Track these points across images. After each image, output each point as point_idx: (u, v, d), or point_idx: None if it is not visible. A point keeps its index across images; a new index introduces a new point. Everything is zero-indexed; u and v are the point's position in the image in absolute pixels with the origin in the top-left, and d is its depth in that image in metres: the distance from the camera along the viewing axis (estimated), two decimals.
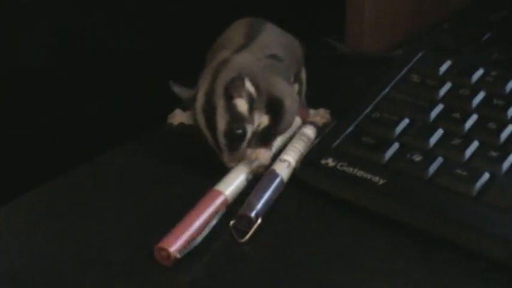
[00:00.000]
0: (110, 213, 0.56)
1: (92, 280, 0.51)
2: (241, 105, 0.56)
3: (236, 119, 0.55)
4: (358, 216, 0.54)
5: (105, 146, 0.62)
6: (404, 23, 0.74)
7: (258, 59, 0.59)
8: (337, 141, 0.58)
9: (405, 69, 0.64)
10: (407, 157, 0.56)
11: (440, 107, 0.60)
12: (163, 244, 0.51)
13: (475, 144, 0.56)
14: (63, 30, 0.67)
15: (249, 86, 0.56)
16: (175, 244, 0.51)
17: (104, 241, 0.54)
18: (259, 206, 0.54)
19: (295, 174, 0.58)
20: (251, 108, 0.56)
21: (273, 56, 0.60)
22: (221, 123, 0.55)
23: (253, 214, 0.54)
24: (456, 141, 0.56)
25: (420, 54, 0.65)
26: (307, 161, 0.58)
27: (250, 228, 0.53)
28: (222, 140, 0.56)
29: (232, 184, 0.56)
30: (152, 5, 0.70)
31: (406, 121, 0.59)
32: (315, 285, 0.50)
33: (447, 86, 0.62)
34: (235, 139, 0.56)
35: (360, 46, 0.73)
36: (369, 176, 0.55)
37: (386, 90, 0.62)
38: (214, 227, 0.54)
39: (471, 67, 0.63)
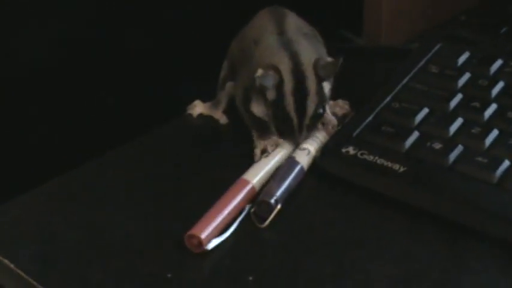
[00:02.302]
0: (130, 202, 0.57)
1: (116, 266, 0.51)
2: (326, 86, 0.58)
3: (322, 101, 0.57)
4: (379, 204, 0.55)
5: (125, 137, 0.63)
6: (421, 16, 0.75)
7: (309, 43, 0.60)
8: (358, 130, 0.59)
9: (424, 60, 0.64)
10: (428, 145, 0.56)
11: (459, 97, 0.60)
12: (194, 231, 0.51)
13: (494, 132, 0.56)
14: (67, 28, 0.67)
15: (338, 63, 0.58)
16: (206, 231, 0.52)
17: (127, 229, 0.54)
18: (278, 192, 0.55)
19: (315, 163, 0.58)
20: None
21: (307, 35, 0.61)
22: (311, 107, 0.57)
23: (272, 200, 0.54)
24: (476, 130, 0.57)
25: (438, 45, 0.66)
26: (328, 150, 0.58)
27: (270, 214, 0.54)
28: (307, 122, 0.57)
29: (259, 173, 0.56)
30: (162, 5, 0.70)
31: (425, 110, 0.59)
32: (336, 269, 0.51)
33: (466, 76, 0.62)
34: (316, 119, 0.58)
35: (378, 39, 0.73)
36: (389, 164, 0.56)
37: (405, 80, 0.63)
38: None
39: (490, 58, 0.63)
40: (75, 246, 0.53)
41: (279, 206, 0.54)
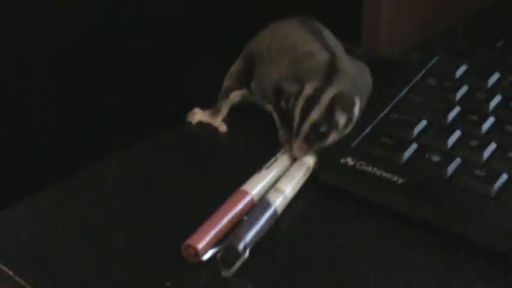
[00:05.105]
0: (130, 209, 0.57)
1: (115, 274, 0.51)
2: (341, 119, 0.58)
3: (329, 122, 0.57)
4: (377, 215, 0.55)
5: (124, 143, 0.63)
6: (420, 28, 0.75)
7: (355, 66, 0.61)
8: (356, 141, 0.59)
9: (422, 72, 0.65)
10: (426, 157, 0.57)
11: (457, 109, 0.61)
12: (191, 241, 0.52)
13: (492, 145, 0.57)
14: (73, 30, 0.67)
15: (356, 107, 0.59)
16: (203, 242, 0.52)
17: (126, 236, 0.54)
18: (248, 237, 0.52)
19: (314, 174, 0.58)
20: (347, 124, 0.59)
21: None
22: (315, 113, 0.57)
23: (241, 245, 0.51)
24: (474, 143, 0.57)
25: (436, 57, 0.66)
26: (327, 160, 0.58)
27: (237, 260, 0.51)
28: (306, 127, 0.57)
29: (258, 184, 0.56)
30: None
31: (424, 122, 0.60)
32: (334, 280, 0.51)
33: (464, 89, 0.63)
34: (316, 134, 0.57)
35: (376, 50, 0.74)
36: (387, 175, 0.56)
37: (404, 92, 0.63)
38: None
39: (487, 71, 0.64)
40: (74, 253, 0.53)
41: (247, 254, 0.51)
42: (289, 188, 0.56)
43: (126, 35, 0.68)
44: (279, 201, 0.55)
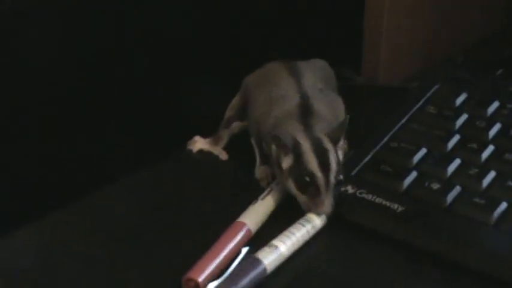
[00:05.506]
0: (129, 238, 0.57)
1: None
2: (340, 154, 0.57)
3: (340, 164, 0.56)
4: (377, 243, 0.55)
5: (124, 170, 0.63)
6: (420, 57, 0.76)
7: (326, 103, 0.61)
8: (356, 169, 0.59)
9: (422, 101, 0.65)
10: (426, 185, 0.57)
11: (457, 138, 0.61)
12: (192, 275, 0.52)
13: (492, 174, 0.57)
14: (76, 56, 0.67)
15: (342, 141, 0.58)
16: (203, 275, 0.52)
17: (126, 266, 0.54)
18: None
19: None
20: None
21: (321, 91, 0.62)
22: (334, 162, 0.55)
23: None
24: (473, 171, 0.57)
25: (436, 86, 0.67)
26: None
27: None
28: (332, 179, 0.55)
29: (255, 216, 0.57)
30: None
31: (423, 150, 0.60)
32: None
33: (463, 117, 0.63)
34: (337, 183, 0.56)
35: (376, 78, 0.74)
36: (387, 203, 0.56)
37: (404, 120, 0.64)
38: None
39: (487, 99, 0.64)
40: (74, 281, 0.53)
41: None
42: (284, 245, 0.54)
43: (123, 61, 0.68)
44: (270, 258, 0.53)
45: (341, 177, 0.56)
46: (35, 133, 0.64)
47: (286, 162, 0.56)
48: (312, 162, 0.55)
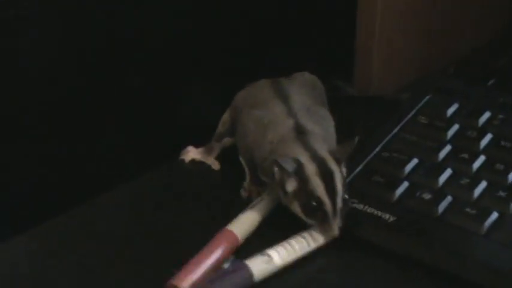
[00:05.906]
0: (121, 247, 0.57)
1: None
2: (344, 172, 0.56)
3: (345, 184, 0.55)
4: (369, 252, 0.55)
5: (116, 180, 0.63)
6: (412, 67, 0.76)
7: (316, 121, 0.60)
8: (348, 179, 0.59)
9: (414, 111, 0.65)
10: (417, 195, 0.57)
11: (448, 148, 0.61)
12: (175, 281, 0.52)
13: (483, 184, 0.57)
14: (73, 64, 0.67)
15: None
16: (187, 281, 0.52)
17: (117, 275, 0.55)
18: None
19: None
20: None
21: (310, 110, 0.61)
22: (340, 186, 0.54)
23: None
24: (465, 181, 0.58)
25: (428, 96, 0.67)
26: None
27: None
28: (339, 203, 0.54)
29: (244, 225, 0.56)
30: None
31: (415, 161, 0.60)
32: None
33: (455, 127, 0.63)
34: (344, 204, 0.55)
35: (368, 88, 0.75)
36: (379, 213, 0.56)
37: (395, 130, 0.64)
38: None
39: (478, 110, 0.64)
40: (72, 287, 0.53)
41: None
42: (278, 255, 0.53)
43: (123, 61, 0.68)
44: (259, 267, 0.53)
45: (347, 196, 0.55)
46: (35, 133, 0.64)
47: (291, 186, 0.55)
48: (319, 187, 0.54)
